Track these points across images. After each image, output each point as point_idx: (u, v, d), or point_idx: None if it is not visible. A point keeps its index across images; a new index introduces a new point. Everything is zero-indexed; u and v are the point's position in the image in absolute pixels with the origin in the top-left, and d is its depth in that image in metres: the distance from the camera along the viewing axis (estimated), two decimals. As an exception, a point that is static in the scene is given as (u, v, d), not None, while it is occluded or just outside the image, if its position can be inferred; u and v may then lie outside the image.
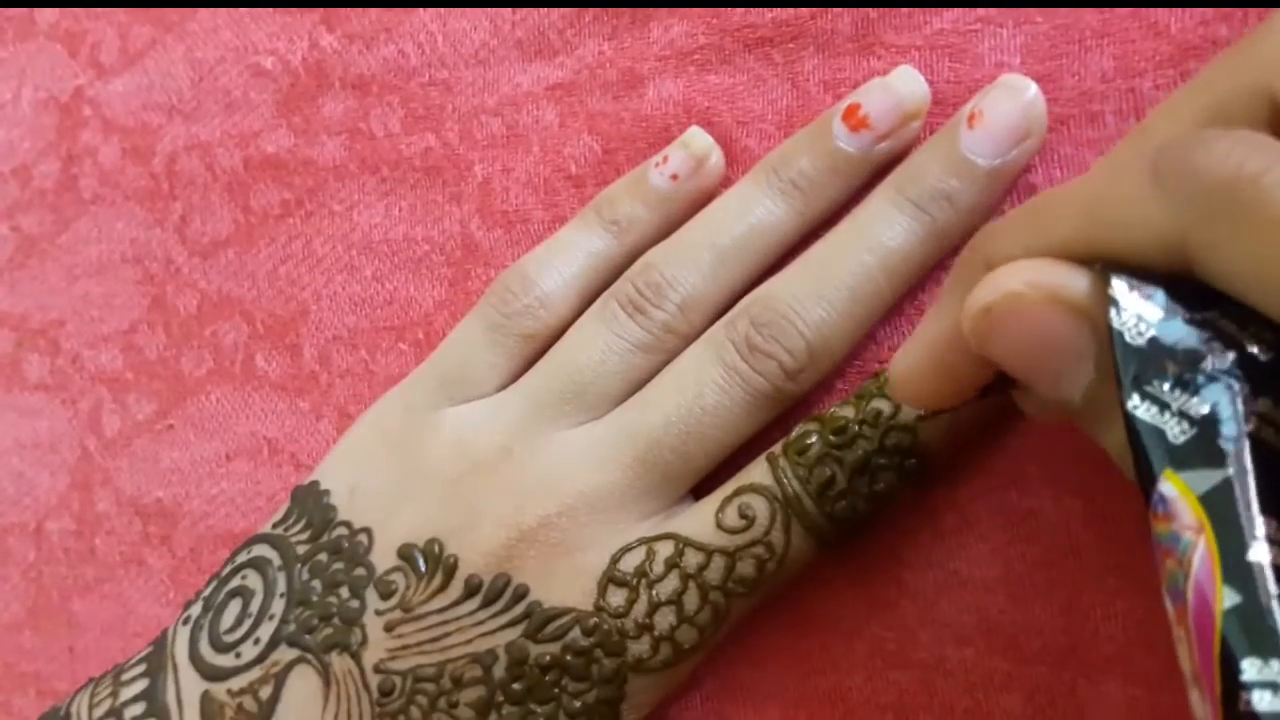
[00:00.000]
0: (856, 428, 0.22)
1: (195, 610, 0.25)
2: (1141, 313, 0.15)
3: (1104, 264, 0.15)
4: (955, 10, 0.24)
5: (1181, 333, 0.14)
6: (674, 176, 0.26)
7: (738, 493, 0.23)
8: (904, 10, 0.25)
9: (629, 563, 0.23)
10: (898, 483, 0.22)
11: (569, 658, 0.22)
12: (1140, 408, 0.14)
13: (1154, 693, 0.21)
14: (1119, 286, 0.15)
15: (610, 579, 0.23)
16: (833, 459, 0.22)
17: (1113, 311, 0.15)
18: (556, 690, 0.22)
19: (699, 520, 0.23)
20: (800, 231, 0.25)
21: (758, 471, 0.23)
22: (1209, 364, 0.14)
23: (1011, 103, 0.22)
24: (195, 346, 0.32)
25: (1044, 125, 0.23)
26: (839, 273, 0.23)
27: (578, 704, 0.22)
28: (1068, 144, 0.23)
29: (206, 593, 0.26)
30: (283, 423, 0.31)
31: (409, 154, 0.30)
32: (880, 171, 0.24)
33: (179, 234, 0.33)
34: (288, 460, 0.30)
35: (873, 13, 0.25)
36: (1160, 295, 0.15)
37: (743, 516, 0.22)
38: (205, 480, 0.31)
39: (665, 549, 0.23)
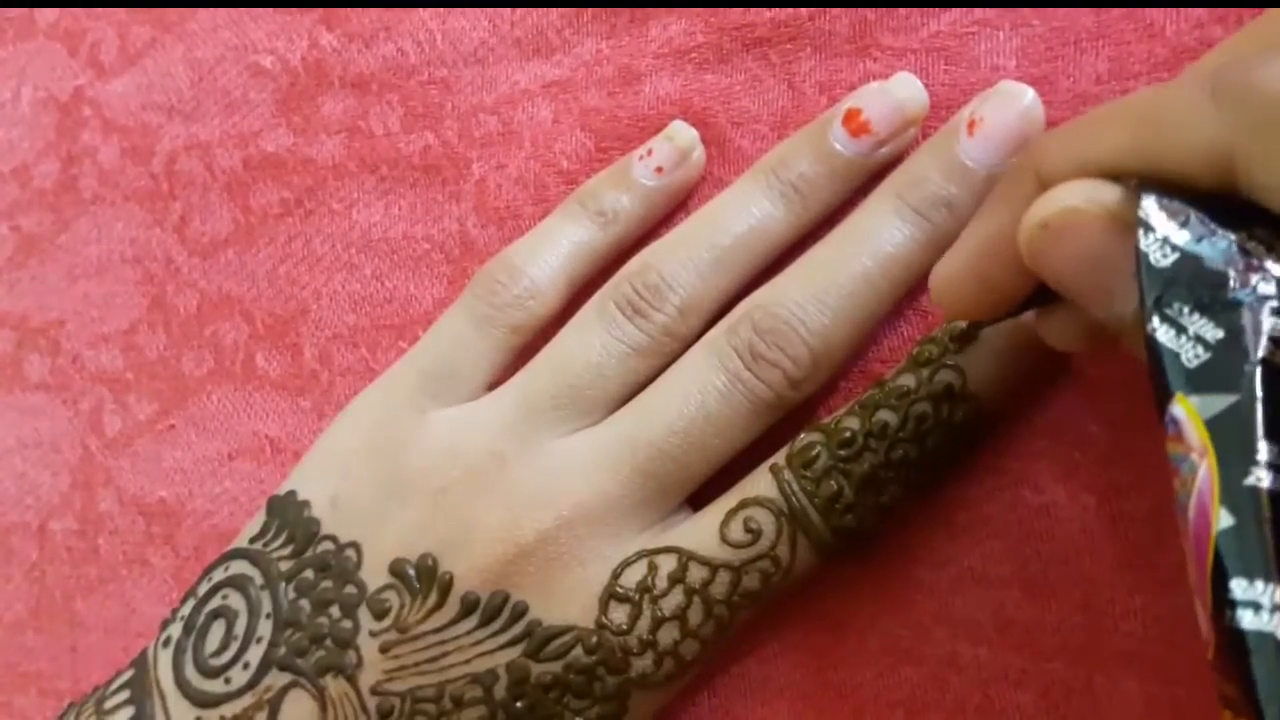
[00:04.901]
0: (863, 440, 0.22)
1: (175, 631, 0.24)
2: (1169, 233, 0.15)
3: (1139, 182, 0.15)
4: (952, 12, 0.24)
5: (1208, 254, 0.14)
6: (659, 169, 0.26)
7: (742, 505, 0.22)
8: (901, 12, 0.25)
9: (630, 578, 0.22)
10: (904, 495, 0.22)
11: (571, 676, 0.22)
12: (1160, 330, 0.14)
13: (1171, 688, 0.21)
14: (1149, 206, 0.15)
15: (612, 595, 0.22)
16: (839, 472, 0.22)
17: (1141, 231, 0.15)
18: (559, 708, 0.22)
19: (702, 533, 0.22)
20: (795, 234, 0.25)
21: (762, 484, 0.23)
22: (1232, 288, 0.14)
23: (1010, 110, 0.22)
24: (195, 346, 0.32)
25: (1041, 131, 0.23)
26: (841, 279, 0.22)
27: None
28: (1064, 145, 0.23)
29: (185, 612, 0.25)
30: (284, 422, 0.31)
31: (408, 153, 0.30)
32: (875, 175, 0.24)
33: (179, 234, 0.33)
34: (290, 459, 0.30)
35: (870, 14, 0.25)
36: (1190, 215, 0.15)
37: (748, 530, 0.22)
38: (208, 479, 0.31)
39: (668, 563, 0.22)
